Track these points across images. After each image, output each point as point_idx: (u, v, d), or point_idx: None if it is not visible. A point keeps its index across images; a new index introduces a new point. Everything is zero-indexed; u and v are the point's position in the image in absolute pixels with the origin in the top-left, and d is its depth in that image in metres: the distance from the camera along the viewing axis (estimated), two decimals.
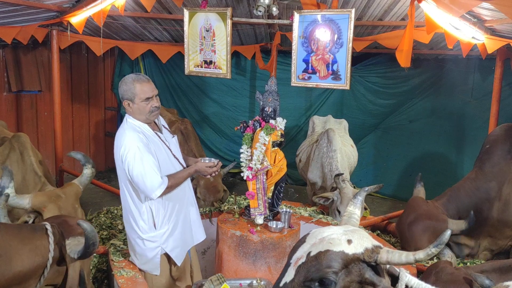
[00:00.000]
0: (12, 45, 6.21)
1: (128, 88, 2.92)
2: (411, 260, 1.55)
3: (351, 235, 1.70)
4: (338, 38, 4.07)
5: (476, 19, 4.21)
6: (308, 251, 1.71)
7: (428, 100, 6.99)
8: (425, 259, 1.55)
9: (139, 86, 2.91)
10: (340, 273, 1.63)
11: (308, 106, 7.59)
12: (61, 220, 2.75)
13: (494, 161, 3.88)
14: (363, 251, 1.64)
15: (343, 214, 4.35)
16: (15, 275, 2.41)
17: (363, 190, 2.11)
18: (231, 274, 3.44)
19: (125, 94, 2.94)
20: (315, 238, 1.74)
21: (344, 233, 1.71)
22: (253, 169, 3.53)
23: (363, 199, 2.04)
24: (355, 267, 1.64)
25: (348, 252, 1.65)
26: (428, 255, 1.53)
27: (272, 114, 3.62)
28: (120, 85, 2.97)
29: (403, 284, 1.68)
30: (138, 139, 2.89)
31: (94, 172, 3.56)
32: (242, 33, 6.71)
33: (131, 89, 2.92)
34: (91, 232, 2.47)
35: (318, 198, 4.50)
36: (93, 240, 2.49)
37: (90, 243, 2.49)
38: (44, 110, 7.07)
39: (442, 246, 1.54)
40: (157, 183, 2.86)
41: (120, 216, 4.61)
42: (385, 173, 7.31)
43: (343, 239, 1.68)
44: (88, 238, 2.48)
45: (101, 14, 4.58)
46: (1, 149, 4.03)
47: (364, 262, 1.64)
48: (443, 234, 1.52)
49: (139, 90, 2.91)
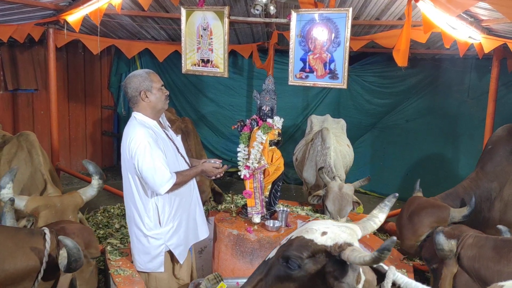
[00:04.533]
0: (8, 43, 6.20)
1: (144, 79, 2.99)
2: (361, 261, 1.59)
3: (331, 229, 1.75)
4: (335, 37, 4.07)
5: (473, 19, 4.22)
6: (291, 235, 1.83)
7: (424, 99, 7.01)
8: (371, 262, 1.57)
9: (153, 75, 3.05)
10: (307, 260, 1.71)
11: (305, 105, 7.60)
12: (60, 227, 2.73)
13: (496, 162, 3.88)
14: (331, 244, 1.70)
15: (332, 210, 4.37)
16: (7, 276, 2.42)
17: (393, 196, 2.09)
18: (228, 273, 3.44)
19: (141, 86, 2.98)
20: (304, 227, 1.84)
21: (326, 227, 1.78)
22: (250, 168, 3.53)
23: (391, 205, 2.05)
24: (321, 258, 1.71)
25: (317, 242, 1.72)
26: (373, 258, 1.56)
27: (269, 113, 3.63)
28: (131, 80, 2.99)
29: (390, 282, 1.71)
30: (148, 134, 2.91)
31: (101, 184, 3.41)
32: (240, 32, 6.71)
33: (146, 79, 2.99)
34: (72, 249, 2.42)
35: (312, 199, 4.51)
36: (75, 257, 2.43)
37: (71, 259, 2.44)
38: (41, 108, 7.05)
39: (388, 252, 1.54)
40: (166, 178, 2.88)
41: (116, 215, 4.61)
42: (382, 173, 7.33)
43: (319, 230, 1.75)
44: (69, 255, 2.43)
45: (98, 13, 4.57)
46: (8, 148, 3.97)
47: (330, 255, 1.69)
48: (388, 240, 1.54)
49: (155, 78, 3.04)
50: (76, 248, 2.44)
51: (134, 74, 3.04)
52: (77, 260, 2.45)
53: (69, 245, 2.42)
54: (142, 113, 3.01)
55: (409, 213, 3.77)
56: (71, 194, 3.38)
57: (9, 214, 2.84)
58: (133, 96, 3.00)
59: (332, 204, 4.36)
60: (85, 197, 3.37)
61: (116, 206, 4.81)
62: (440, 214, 3.63)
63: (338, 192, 4.38)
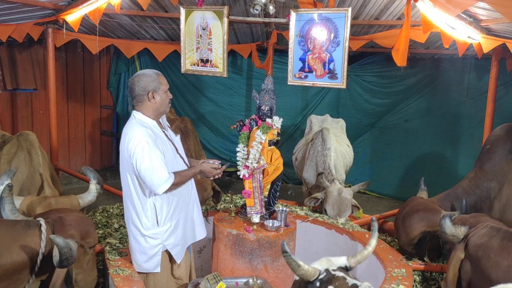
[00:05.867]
0: (7, 43, 6.19)
1: (153, 79, 3.00)
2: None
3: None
4: (334, 37, 4.07)
5: (472, 19, 4.22)
6: None
7: (424, 99, 7.01)
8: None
9: (162, 78, 3.07)
10: None
11: (304, 105, 7.60)
12: (57, 217, 2.74)
13: (495, 161, 3.88)
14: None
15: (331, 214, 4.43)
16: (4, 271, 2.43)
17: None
18: (227, 273, 3.44)
19: (149, 86, 2.98)
20: None
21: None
22: (249, 167, 3.53)
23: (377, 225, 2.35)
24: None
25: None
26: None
27: (268, 112, 3.63)
28: (140, 78, 2.99)
29: None
30: (146, 134, 2.91)
31: (99, 189, 3.38)
32: (239, 31, 6.71)
33: (155, 80, 3.00)
34: (64, 248, 2.42)
35: (309, 201, 4.51)
36: (67, 256, 2.44)
37: (63, 258, 2.44)
38: (40, 108, 7.04)
39: None
40: (164, 178, 2.88)
41: (116, 215, 4.60)
42: (381, 172, 7.34)
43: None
44: (61, 254, 2.43)
45: (97, 12, 4.56)
46: (8, 147, 3.95)
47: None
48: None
49: (163, 81, 3.06)
50: (67, 247, 2.43)
51: (143, 73, 3.04)
52: (69, 259, 2.45)
53: (60, 244, 2.42)
54: (143, 113, 3.01)
55: (402, 215, 3.81)
56: (69, 196, 3.38)
57: (7, 199, 2.82)
58: (140, 94, 2.99)
59: (331, 209, 4.37)
60: (82, 201, 3.34)
61: (115, 206, 4.80)
62: (431, 218, 3.65)
63: (337, 197, 4.38)
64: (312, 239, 4.30)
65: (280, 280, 3.47)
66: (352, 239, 3.98)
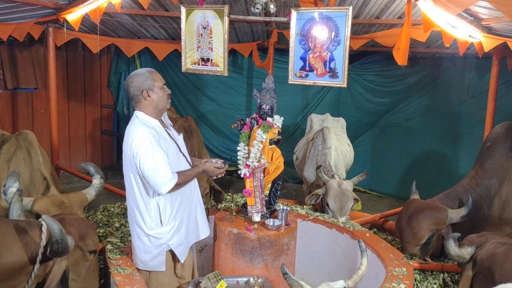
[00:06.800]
0: (7, 42, 6.18)
1: (146, 78, 2.99)
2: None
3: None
4: (335, 36, 4.07)
5: (473, 18, 4.21)
6: None
7: (424, 98, 7.01)
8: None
9: (155, 74, 3.04)
10: None
11: (305, 104, 7.59)
12: (59, 217, 2.73)
13: (495, 159, 3.89)
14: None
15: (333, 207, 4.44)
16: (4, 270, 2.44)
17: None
18: (228, 272, 3.44)
19: (144, 84, 2.97)
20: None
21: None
22: (250, 167, 3.53)
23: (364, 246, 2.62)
24: None
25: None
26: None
27: (269, 111, 3.63)
28: (133, 79, 2.99)
29: None
30: (149, 134, 2.90)
31: (103, 182, 3.54)
32: (239, 30, 6.71)
33: (149, 78, 2.99)
34: (52, 226, 2.39)
35: (310, 199, 4.51)
36: (56, 238, 2.40)
37: (53, 240, 2.41)
38: (40, 107, 7.04)
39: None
40: (167, 178, 2.88)
41: (116, 214, 4.60)
42: (382, 171, 7.34)
43: None
44: (51, 235, 2.40)
45: (97, 11, 4.57)
46: (7, 147, 3.93)
47: None
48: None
49: (157, 77, 3.04)
50: (58, 229, 2.41)
51: (136, 73, 3.04)
52: (59, 242, 2.42)
53: (48, 223, 2.40)
54: (144, 112, 3.01)
55: (407, 216, 3.76)
56: (76, 192, 3.45)
57: (16, 205, 2.83)
58: (135, 95, 2.99)
59: (333, 202, 4.36)
60: (89, 196, 3.45)
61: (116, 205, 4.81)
62: (438, 216, 3.63)
63: (338, 189, 4.39)
64: (313, 238, 4.30)
65: (281, 279, 3.46)
66: (353, 238, 3.98)
